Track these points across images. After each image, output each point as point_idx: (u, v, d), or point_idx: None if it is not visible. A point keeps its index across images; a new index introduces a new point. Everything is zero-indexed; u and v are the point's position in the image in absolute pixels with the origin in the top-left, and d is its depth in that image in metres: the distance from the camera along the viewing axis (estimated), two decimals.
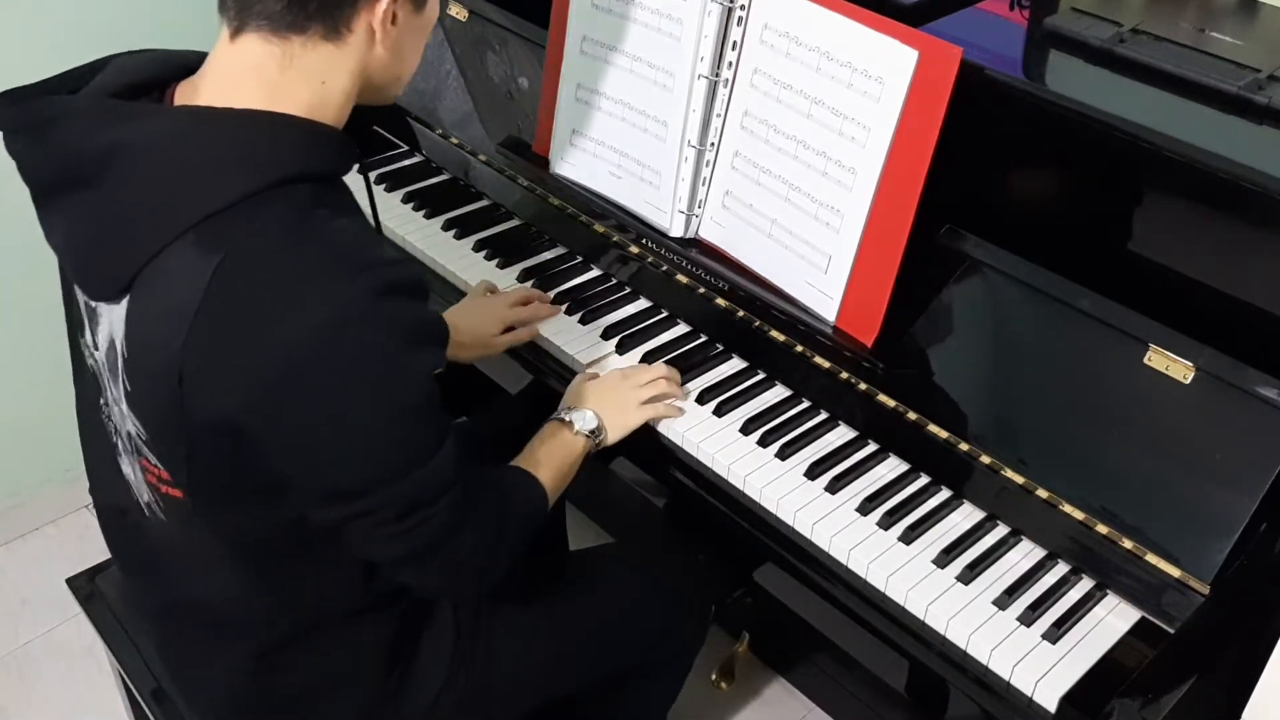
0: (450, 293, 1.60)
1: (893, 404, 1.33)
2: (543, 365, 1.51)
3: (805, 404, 1.42)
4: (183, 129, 0.96)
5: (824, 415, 1.40)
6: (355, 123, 1.06)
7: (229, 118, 0.96)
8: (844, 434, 1.38)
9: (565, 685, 1.39)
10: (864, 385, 1.35)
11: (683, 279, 1.51)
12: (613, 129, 1.51)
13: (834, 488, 1.30)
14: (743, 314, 1.46)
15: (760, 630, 1.83)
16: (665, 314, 1.55)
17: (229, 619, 1.14)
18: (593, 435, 1.30)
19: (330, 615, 1.16)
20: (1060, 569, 1.21)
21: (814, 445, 1.36)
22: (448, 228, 1.72)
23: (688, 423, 1.38)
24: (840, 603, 1.24)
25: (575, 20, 1.50)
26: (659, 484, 1.64)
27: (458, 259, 1.65)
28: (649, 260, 1.54)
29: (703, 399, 1.41)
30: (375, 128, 1.90)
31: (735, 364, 1.48)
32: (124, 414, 1.04)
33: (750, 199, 1.40)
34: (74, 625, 2.01)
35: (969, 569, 1.20)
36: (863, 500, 1.28)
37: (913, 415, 1.31)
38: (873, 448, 1.36)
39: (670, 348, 1.49)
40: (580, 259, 1.65)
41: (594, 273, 1.63)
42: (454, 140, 1.80)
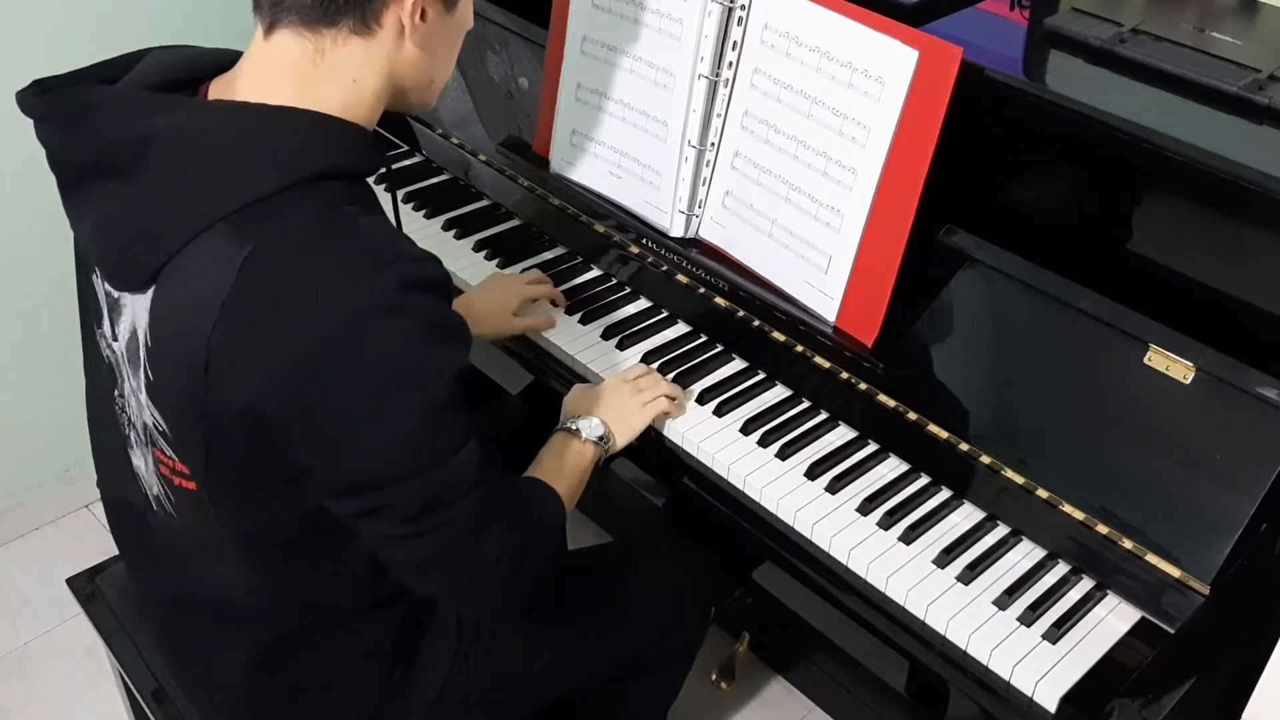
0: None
1: (893, 404, 1.32)
2: (543, 365, 1.51)
3: (805, 404, 1.42)
4: (217, 122, 0.97)
5: (824, 415, 1.40)
6: None
7: (263, 113, 0.97)
8: (844, 434, 1.38)
9: (565, 684, 1.39)
10: (864, 385, 1.35)
11: (683, 279, 1.51)
12: (613, 129, 1.51)
13: (834, 488, 1.30)
14: (743, 314, 1.46)
15: (760, 630, 1.82)
16: (665, 314, 1.55)
17: (234, 613, 1.15)
18: (601, 442, 1.30)
19: (335, 612, 1.16)
20: (1060, 569, 1.21)
21: (814, 445, 1.36)
22: (448, 228, 1.72)
23: (688, 423, 1.38)
24: (840, 603, 1.23)
25: (575, 20, 1.50)
26: (658, 483, 1.64)
27: (458, 259, 1.65)
28: (649, 260, 1.54)
29: (703, 399, 1.41)
30: (375, 128, 1.88)
31: (735, 364, 1.48)
32: (142, 404, 1.04)
33: (750, 199, 1.40)
34: (74, 625, 2.01)
35: (969, 569, 1.20)
36: (863, 500, 1.28)
37: (913, 415, 1.31)
38: (873, 448, 1.36)
39: (670, 348, 1.49)
40: (580, 259, 1.65)
41: (594, 273, 1.63)
42: (454, 140, 1.79)
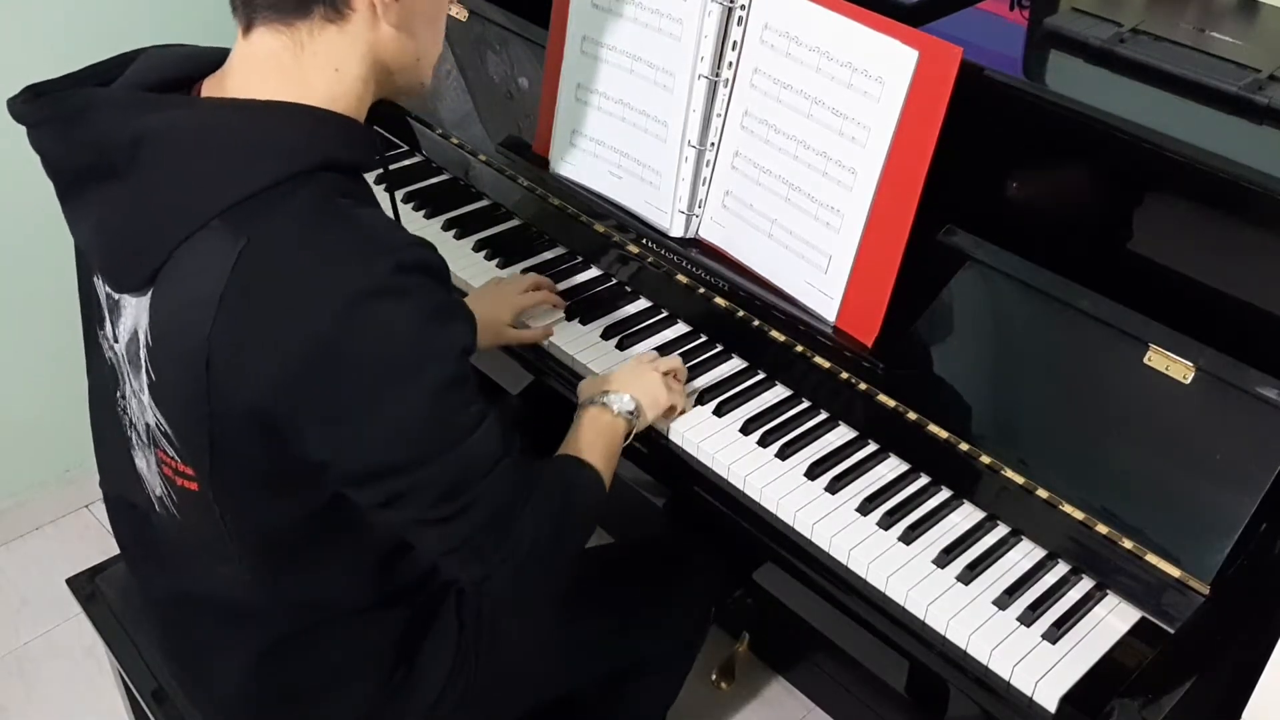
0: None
1: (893, 404, 1.32)
2: (543, 365, 1.51)
3: (805, 404, 1.41)
4: (209, 119, 0.97)
5: (824, 415, 1.40)
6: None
7: (254, 108, 0.97)
8: (844, 434, 1.38)
9: (565, 684, 1.39)
10: (864, 385, 1.35)
11: (683, 279, 1.51)
12: (613, 129, 1.50)
13: (834, 488, 1.30)
14: (743, 314, 1.46)
15: (760, 630, 1.82)
16: (665, 314, 1.55)
17: (236, 613, 1.15)
18: (632, 416, 1.28)
19: (337, 612, 1.16)
20: (1060, 569, 1.21)
21: (814, 445, 1.36)
22: (448, 228, 1.71)
23: (688, 423, 1.38)
24: (840, 603, 1.23)
25: (575, 20, 1.50)
26: (658, 484, 1.64)
27: (458, 259, 1.65)
28: (649, 260, 1.54)
29: (703, 399, 1.41)
30: (375, 127, 1.85)
31: (735, 364, 1.47)
32: (144, 405, 1.04)
33: (750, 199, 1.40)
34: (74, 625, 2.01)
35: (969, 569, 1.20)
36: (863, 500, 1.28)
37: (913, 415, 1.31)
38: (873, 448, 1.35)
39: (670, 348, 1.49)
40: (580, 259, 1.65)
41: (594, 272, 1.63)
42: (454, 140, 1.79)
